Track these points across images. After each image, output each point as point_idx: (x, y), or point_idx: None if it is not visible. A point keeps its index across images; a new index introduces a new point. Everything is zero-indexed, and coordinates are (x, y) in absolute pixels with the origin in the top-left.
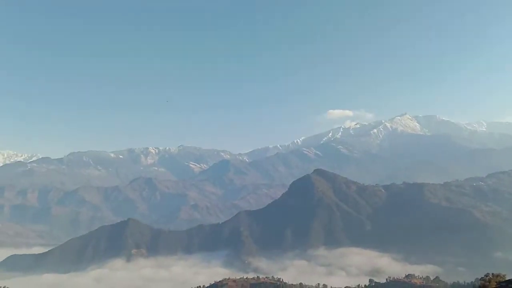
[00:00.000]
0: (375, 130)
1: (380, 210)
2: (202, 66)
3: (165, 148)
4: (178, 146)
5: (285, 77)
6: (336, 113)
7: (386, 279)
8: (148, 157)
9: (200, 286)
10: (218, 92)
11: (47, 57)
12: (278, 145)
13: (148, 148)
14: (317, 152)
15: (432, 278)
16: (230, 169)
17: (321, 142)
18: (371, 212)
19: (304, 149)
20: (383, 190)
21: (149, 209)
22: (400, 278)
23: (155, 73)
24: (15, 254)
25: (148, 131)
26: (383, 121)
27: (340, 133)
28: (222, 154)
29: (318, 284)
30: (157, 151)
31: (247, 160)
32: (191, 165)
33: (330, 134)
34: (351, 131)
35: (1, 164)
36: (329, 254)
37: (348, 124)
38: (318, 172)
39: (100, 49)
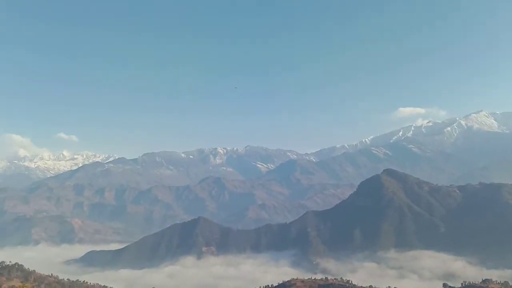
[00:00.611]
0: (448, 128)
1: (454, 212)
2: (268, 70)
3: (233, 148)
4: (245, 146)
5: (355, 76)
6: (407, 111)
7: (461, 284)
8: (217, 157)
9: (268, 285)
10: (285, 95)
11: (120, 67)
12: (346, 145)
13: (216, 149)
14: (386, 151)
15: (511, 283)
16: (297, 169)
17: (391, 141)
18: (445, 214)
19: (373, 148)
20: (457, 191)
21: (218, 208)
22: (476, 283)
23: (222, 79)
24: (93, 250)
25: (216, 132)
26: (457, 118)
27: (411, 132)
28: (289, 154)
29: (389, 287)
30: (225, 151)
31: (314, 160)
32: (258, 165)
33: (401, 132)
34: (423, 130)
35: (81, 165)
36: (400, 257)
37: (420, 122)
38: (388, 172)
39: (170, 56)
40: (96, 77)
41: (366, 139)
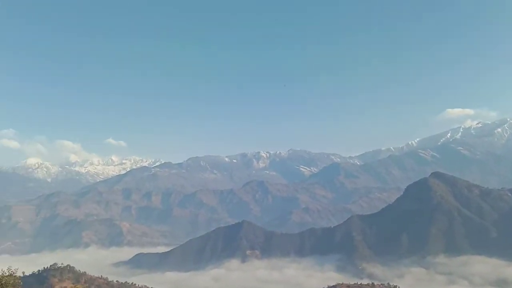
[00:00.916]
0: (499, 129)
1: (507, 216)
2: (312, 74)
3: (276, 152)
4: (288, 150)
5: (402, 78)
6: (455, 112)
7: None
8: (260, 161)
9: None
10: (328, 98)
11: (165, 76)
12: (391, 147)
13: (259, 152)
14: (434, 154)
15: None
16: (341, 173)
17: (439, 143)
18: (497, 218)
19: (420, 150)
20: (509, 194)
21: (261, 211)
22: None
23: (265, 85)
24: (141, 253)
25: (259, 136)
26: (508, 119)
27: (460, 133)
28: (332, 157)
29: None
30: (268, 155)
31: (358, 163)
32: (301, 168)
33: (449, 134)
34: (472, 131)
35: (129, 169)
36: (450, 262)
37: (469, 123)
38: (436, 175)
39: (214, 63)
40: (143, 86)
41: (413, 142)
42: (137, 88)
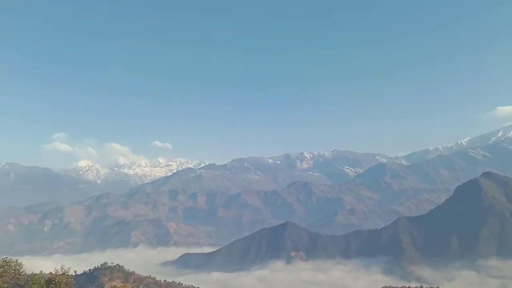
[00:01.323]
0: None
1: None
2: (367, 74)
3: (320, 153)
4: (332, 151)
5: (451, 77)
6: (507, 109)
7: None
8: (304, 162)
9: None
10: (375, 99)
11: (210, 81)
12: (440, 147)
13: (303, 153)
14: (485, 153)
15: None
16: (387, 173)
17: (490, 142)
18: None
19: (470, 150)
20: None
21: (305, 212)
22: None
23: (311, 86)
24: (187, 253)
25: (302, 137)
26: None
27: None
28: (378, 157)
29: None
30: (311, 156)
31: (405, 164)
32: (345, 169)
33: (500, 133)
34: None
35: (175, 171)
36: (503, 266)
37: None
38: (487, 175)
39: (257, 66)
40: (188, 91)
41: (462, 141)
42: (182, 94)
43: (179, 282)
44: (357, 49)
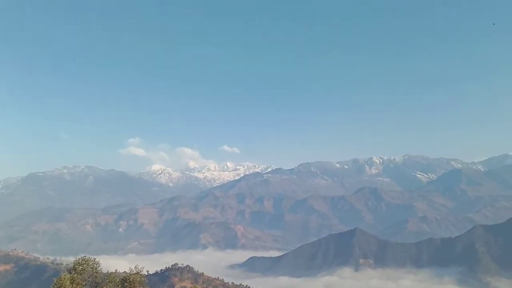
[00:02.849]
0: None
1: None
2: (447, 79)
3: (390, 157)
4: (403, 156)
5: None
6: None
7: None
8: (373, 167)
9: None
10: (450, 104)
11: (275, 87)
12: None
13: (372, 158)
14: None
15: None
16: (462, 179)
17: None
18: None
19: None
20: None
21: (374, 219)
22: None
23: (382, 91)
24: (254, 256)
25: (372, 142)
26: None
27: None
28: (453, 163)
29: None
30: (381, 160)
31: (482, 169)
32: (417, 175)
33: None
34: None
35: (242, 175)
36: None
37: None
38: None
39: (329, 70)
40: (254, 98)
41: None
42: (249, 99)
43: (247, 285)
44: (432, 51)
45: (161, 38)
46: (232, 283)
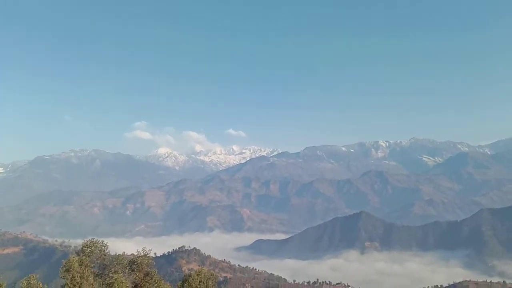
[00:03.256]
0: None
1: None
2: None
3: (396, 141)
4: (410, 139)
5: None
6: None
7: None
8: (379, 151)
9: (438, 285)
10: (463, 87)
11: (280, 69)
12: None
13: (378, 142)
14: None
15: None
16: (469, 163)
17: None
18: None
19: None
20: None
21: (380, 202)
22: None
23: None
24: (261, 239)
25: (378, 125)
26: None
27: None
28: (459, 146)
29: None
30: (387, 144)
31: (489, 153)
32: (424, 158)
33: None
34: None
35: (248, 158)
36: None
37: None
38: None
39: (330, 54)
40: (260, 78)
41: None
42: (254, 82)
43: (253, 268)
44: (446, 33)
45: (167, 22)
46: (238, 265)
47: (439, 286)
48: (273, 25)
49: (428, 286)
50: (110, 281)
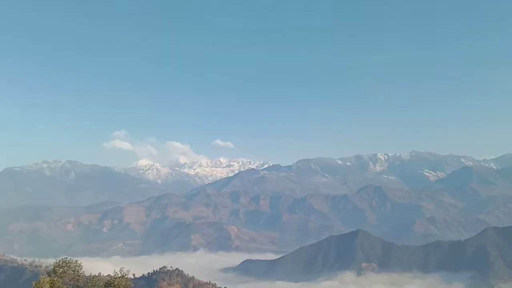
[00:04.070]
0: None
1: None
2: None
3: (396, 154)
4: (410, 152)
5: None
6: None
7: None
8: (377, 164)
9: None
10: (466, 99)
11: (269, 82)
12: None
13: (376, 155)
14: None
15: None
16: (473, 178)
17: None
18: None
19: None
20: None
21: (378, 220)
22: None
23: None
24: (249, 259)
25: (376, 136)
26: None
27: None
28: (463, 160)
29: None
30: (386, 157)
31: (495, 167)
32: (425, 173)
33: None
34: None
35: (237, 171)
36: None
37: None
38: None
39: (323, 66)
40: (249, 88)
41: None
42: (242, 91)
43: None
44: (447, 43)
45: (151, 29)
46: (225, 287)
47: None
48: (264, 32)
49: None
50: None
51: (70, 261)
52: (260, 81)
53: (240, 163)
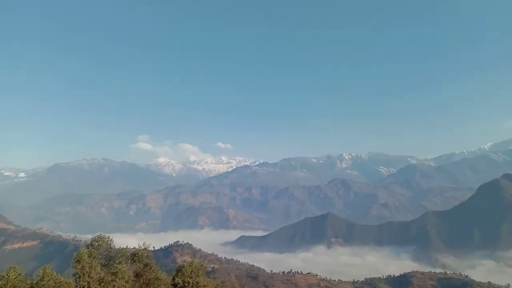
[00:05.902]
0: None
1: None
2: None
3: (357, 154)
4: (368, 153)
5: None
6: None
7: None
8: (343, 162)
9: (391, 275)
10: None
11: (268, 93)
12: (465, 151)
13: (343, 154)
14: (505, 157)
15: None
16: (417, 173)
17: (510, 148)
18: None
19: (492, 154)
20: None
21: (344, 205)
22: None
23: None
24: (244, 236)
25: (343, 140)
26: None
27: None
28: (409, 159)
29: (508, 284)
30: (350, 157)
31: (433, 165)
32: (380, 169)
33: None
34: None
35: (234, 167)
36: None
37: None
38: (507, 176)
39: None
40: (245, 102)
41: (485, 146)
42: (238, 103)
43: (237, 260)
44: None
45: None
46: (224, 257)
47: (392, 276)
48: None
49: (383, 276)
50: (115, 271)
51: (104, 236)
52: (252, 99)
53: (237, 161)
